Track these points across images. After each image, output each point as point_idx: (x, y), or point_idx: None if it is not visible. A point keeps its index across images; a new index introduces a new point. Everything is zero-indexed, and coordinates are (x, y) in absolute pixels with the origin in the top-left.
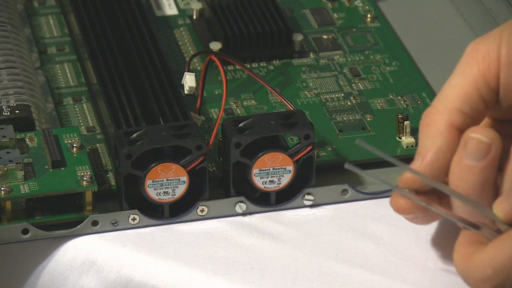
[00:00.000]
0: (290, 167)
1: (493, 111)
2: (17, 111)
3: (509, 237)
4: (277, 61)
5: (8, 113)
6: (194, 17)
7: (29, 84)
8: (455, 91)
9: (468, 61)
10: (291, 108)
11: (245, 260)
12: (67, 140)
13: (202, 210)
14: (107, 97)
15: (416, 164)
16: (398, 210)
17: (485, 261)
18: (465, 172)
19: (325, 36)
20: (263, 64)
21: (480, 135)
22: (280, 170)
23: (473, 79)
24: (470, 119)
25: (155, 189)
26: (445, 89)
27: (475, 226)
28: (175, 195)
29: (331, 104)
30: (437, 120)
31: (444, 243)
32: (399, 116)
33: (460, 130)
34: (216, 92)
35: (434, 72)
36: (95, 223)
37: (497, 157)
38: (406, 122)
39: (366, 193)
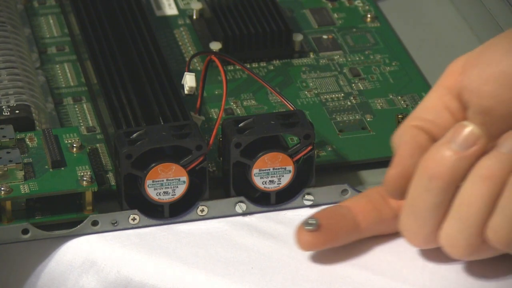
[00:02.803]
0: (290, 167)
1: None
2: (17, 111)
3: None
4: (277, 61)
5: (8, 113)
6: (194, 17)
7: (29, 84)
8: (422, 103)
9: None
10: (291, 108)
11: (245, 260)
12: (67, 140)
13: (202, 210)
14: (107, 97)
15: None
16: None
17: None
18: (445, 158)
19: (325, 36)
20: (263, 64)
21: (474, 126)
22: (280, 170)
23: (437, 89)
24: (432, 124)
25: (155, 189)
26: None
27: None
28: (175, 195)
29: (331, 104)
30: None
31: None
32: (399, 116)
33: (423, 130)
34: (216, 92)
35: (434, 72)
36: (95, 223)
37: (479, 152)
38: None
39: None
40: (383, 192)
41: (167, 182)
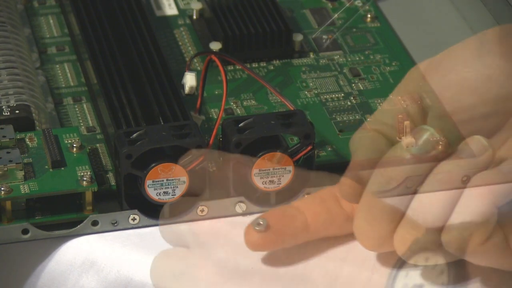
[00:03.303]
0: (290, 167)
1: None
2: (17, 111)
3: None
4: (277, 61)
5: (8, 113)
6: (194, 17)
7: (29, 84)
8: (381, 107)
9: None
10: (291, 108)
11: (245, 260)
12: (67, 140)
13: (202, 210)
14: (107, 97)
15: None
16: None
17: None
18: (403, 161)
19: (325, 36)
20: (263, 64)
21: (434, 130)
22: (280, 170)
23: (397, 94)
24: (391, 128)
25: (155, 189)
26: None
27: None
28: (175, 195)
29: (331, 104)
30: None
31: None
32: (399, 116)
33: (382, 134)
34: (216, 92)
35: None
36: (95, 223)
37: (438, 157)
38: (406, 122)
39: None
40: (337, 193)
41: (167, 182)
